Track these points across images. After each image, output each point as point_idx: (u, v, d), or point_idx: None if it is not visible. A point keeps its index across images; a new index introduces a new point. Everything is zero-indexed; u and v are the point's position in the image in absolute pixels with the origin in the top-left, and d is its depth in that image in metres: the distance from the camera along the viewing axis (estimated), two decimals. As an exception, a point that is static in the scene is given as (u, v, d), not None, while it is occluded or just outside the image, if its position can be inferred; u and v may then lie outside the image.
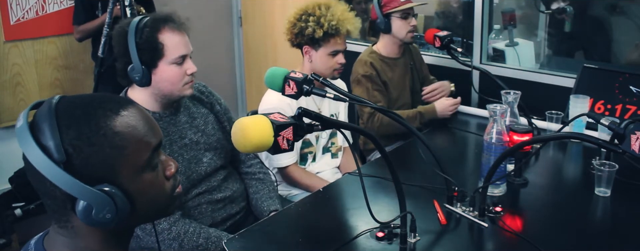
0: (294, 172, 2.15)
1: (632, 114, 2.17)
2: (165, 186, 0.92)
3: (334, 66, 2.13)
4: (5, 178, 3.22)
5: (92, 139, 0.81)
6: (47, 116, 0.81)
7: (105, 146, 0.82)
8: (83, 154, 0.81)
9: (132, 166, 0.85)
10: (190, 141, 1.78)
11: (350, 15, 2.09)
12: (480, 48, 2.81)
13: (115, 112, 0.85)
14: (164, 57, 1.64)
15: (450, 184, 1.60)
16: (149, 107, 1.72)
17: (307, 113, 1.16)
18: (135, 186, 0.85)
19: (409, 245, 1.42)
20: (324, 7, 2.06)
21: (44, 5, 3.35)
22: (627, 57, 2.63)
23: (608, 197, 1.67)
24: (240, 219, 1.90)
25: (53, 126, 0.80)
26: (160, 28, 1.63)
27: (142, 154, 0.86)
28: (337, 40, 2.09)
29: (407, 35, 2.49)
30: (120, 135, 0.83)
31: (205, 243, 1.66)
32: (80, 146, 0.81)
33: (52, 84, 3.48)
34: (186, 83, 1.69)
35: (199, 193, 1.78)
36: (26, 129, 0.81)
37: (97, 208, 0.81)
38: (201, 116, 1.85)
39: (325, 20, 2.04)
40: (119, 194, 0.83)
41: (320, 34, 2.05)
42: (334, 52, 2.11)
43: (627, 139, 1.23)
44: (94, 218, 0.82)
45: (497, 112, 1.61)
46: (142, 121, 0.88)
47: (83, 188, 0.80)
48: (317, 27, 2.05)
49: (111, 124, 0.83)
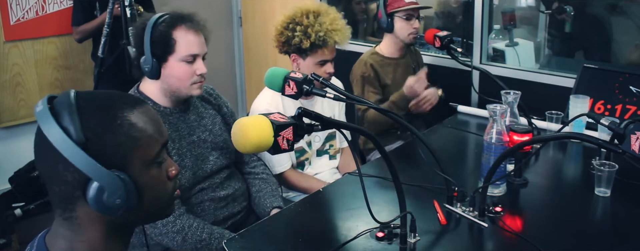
0: (291, 177, 2.14)
1: (632, 114, 2.16)
2: (168, 185, 0.96)
3: (322, 75, 2.07)
4: (5, 178, 3.22)
5: (110, 126, 0.86)
6: (67, 104, 0.85)
7: (122, 134, 0.87)
8: (101, 139, 0.85)
9: (142, 158, 0.89)
10: (198, 139, 1.81)
11: (339, 25, 2.03)
12: (480, 48, 2.82)
13: (132, 106, 0.90)
14: (174, 53, 1.67)
15: (450, 184, 1.60)
16: (159, 101, 1.75)
17: (307, 113, 1.16)
18: (143, 179, 0.89)
19: (409, 245, 1.42)
20: (312, 16, 2.01)
21: (44, 6, 3.35)
22: (627, 57, 2.63)
23: (608, 197, 1.67)
24: (241, 218, 1.92)
25: (73, 112, 0.84)
26: (176, 25, 1.67)
27: (153, 148, 0.91)
28: (325, 51, 2.04)
29: (408, 37, 2.50)
30: (135, 127, 0.88)
31: (208, 238, 1.68)
32: (99, 132, 0.85)
33: (52, 84, 3.48)
34: (194, 82, 1.71)
35: (203, 188, 1.80)
36: (48, 111, 0.84)
37: (109, 190, 0.84)
38: (209, 116, 1.88)
39: (312, 31, 1.98)
40: (129, 181, 0.86)
41: (307, 45, 2.00)
42: (322, 62, 2.07)
43: (627, 139, 1.23)
44: (104, 202, 0.85)
45: (497, 113, 1.61)
46: (154, 118, 0.93)
47: (99, 170, 0.84)
48: (304, 37, 1.99)
49: (128, 116, 0.88)
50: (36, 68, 3.40)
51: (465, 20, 3.06)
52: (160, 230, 1.66)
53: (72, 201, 0.87)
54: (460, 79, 2.77)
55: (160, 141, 0.93)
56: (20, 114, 3.36)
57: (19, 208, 3.13)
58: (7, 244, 2.70)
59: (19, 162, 3.18)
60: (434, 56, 2.99)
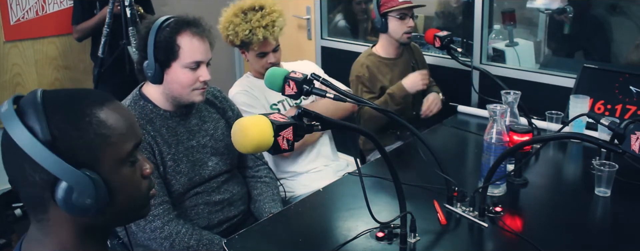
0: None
1: (632, 114, 2.16)
2: (141, 184, 0.93)
3: (265, 65, 2.22)
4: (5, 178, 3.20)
5: (78, 123, 0.83)
6: (33, 103, 0.82)
7: (90, 132, 0.83)
8: (68, 137, 0.82)
9: (113, 157, 0.86)
10: (198, 144, 1.78)
11: (265, 22, 2.14)
12: (480, 48, 2.82)
13: (100, 103, 0.87)
14: (178, 60, 1.64)
15: (450, 185, 1.60)
16: (160, 104, 1.73)
17: (307, 113, 1.16)
18: (114, 178, 0.86)
19: (409, 245, 1.42)
20: (242, 15, 2.15)
21: (44, 5, 3.35)
22: (626, 57, 2.63)
23: (608, 197, 1.67)
24: (238, 222, 1.89)
25: (39, 111, 0.81)
26: (181, 30, 1.63)
27: (124, 146, 0.88)
28: (255, 46, 2.18)
29: (402, 36, 2.49)
30: (105, 124, 0.85)
31: (196, 244, 1.66)
32: (66, 129, 0.82)
33: (52, 84, 3.48)
34: (196, 89, 1.68)
35: (198, 192, 1.78)
36: (12, 111, 0.81)
37: (78, 190, 0.81)
38: (212, 120, 1.85)
39: (240, 29, 2.14)
40: (99, 180, 0.83)
41: (238, 42, 2.17)
42: (261, 54, 2.22)
43: (627, 139, 1.23)
44: (73, 203, 0.81)
45: (497, 113, 1.61)
46: (125, 116, 0.89)
47: (67, 169, 0.80)
48: (234, 36, 2.16)
49: (96, 113, 0.85)
50: (36, 68, 3.40)
51: (465, 20, 3.06)
52: (149, 235, 1.64)
53: (42, 203, 0.84)
54: (460, 79, 2.77)
55: (133, 139, 0.89)
56: (20, 114, 3.36)
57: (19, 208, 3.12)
58: (7, 244, 2.70)
59: (19, 162, 3.18)
60: (434, 56, 2.99)
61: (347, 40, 3.59)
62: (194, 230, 1.69)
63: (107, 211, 0.86)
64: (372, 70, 2.50)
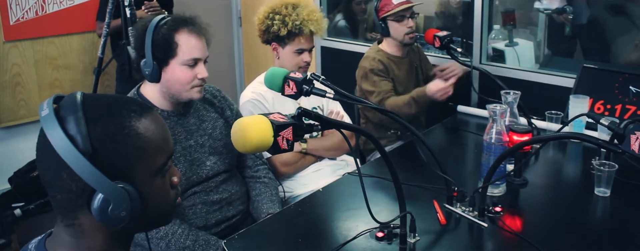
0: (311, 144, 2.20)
1: (632, 114, 2.17)
2: (170, 193, 0.94)
3: (299, 63, 2.20)
4: (5, 178, 3.22)
5: (116, 136, 0.84)
6: (73, 109, 0.82)
7: (129, 145, 0.84)
8: (107, 150, 0.82)
9: (148, 169, 0.87)
10: (196, 143, 1.78)
11: (316, 17, 2.16)
12: (480, 48, 2.81)
13: (139, 114, 0.87)
14: (176, 57, 1.65)
15: (450, 185, 1.60)
16: (158, 104, 1.73)
17: (307, 113, 1.16)
18: (147, 189, 0.87)
19: (409, 245, 1.42)
20: (291, 7, 2.15)
21: (43, 6, 3.35)
22: (626, 57, 2.63)
23: (608, 197, 1.67)
24: (236, 222, 1.89)
25: (80, 119, 0.81)
26: (179, 28, 1.65)
27: (159, 158, 0.89)
28: (301, 39, 2.16)
29: (405, 37, 2.49)
30: (142, 137, 0.86)
31: (192, 245, 1.66)
32: (106, 141, 0.82)
33: (52, 85, 3.48)
34: (195, 86, 1.70)
35: (195, 192, 1.77)
36: (54, 117, 0.81)
37: (114, 203, 0.82)
38: (210, 119, 1.85)
39: (289, 20, 2.12)
40: (134, 193, 0.84)
41: (285, 32, 2.13)
42: (299, 50, 2.19)
43: (626, 139, 1.23)
44: (109, 215, 0.83)
45: (496, 113, 1.61)
46: (162, 128, 0.91)
47: (105, 182, 0.81)
48: (282, 25, 2.13)
49: (135, 125, 0.86)
50: (36, 68, 3.40)
51: (465, 20, 3.06)
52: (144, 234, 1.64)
53: (75, 209, 0.85)
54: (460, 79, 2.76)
55: (167, 151, 0.91)
56: (20, 114, 3.36)
57: (19, 208, 3.12)
58: (6, 244, 2.70)
59: (18, 162, 3.18)
60: (434, 56, 2.99)
61: (347, 40, 3.59)
62: (191, 231, 1.68)
63: (138, 219, 0.87)
64: (385, 62, 2.50)
